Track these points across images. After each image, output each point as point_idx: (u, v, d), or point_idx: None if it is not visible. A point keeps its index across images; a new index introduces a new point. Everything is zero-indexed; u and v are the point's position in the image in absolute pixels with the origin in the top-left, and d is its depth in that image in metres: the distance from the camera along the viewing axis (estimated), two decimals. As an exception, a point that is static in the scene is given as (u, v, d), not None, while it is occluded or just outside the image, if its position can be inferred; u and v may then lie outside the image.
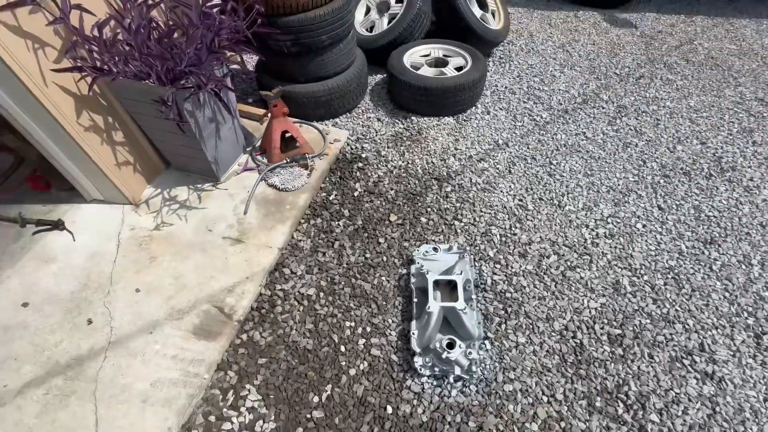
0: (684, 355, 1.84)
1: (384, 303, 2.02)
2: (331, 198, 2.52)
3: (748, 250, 2.24)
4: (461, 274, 1.91)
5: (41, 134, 1.95)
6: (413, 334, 1.79)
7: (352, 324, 1.95)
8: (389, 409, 1.68)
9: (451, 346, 1.69)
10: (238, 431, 1.62)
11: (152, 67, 1.72)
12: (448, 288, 1.95)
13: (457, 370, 1.71)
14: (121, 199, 2.34)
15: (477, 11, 3.41)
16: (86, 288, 1.98)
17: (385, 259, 2.21)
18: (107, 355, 1.76)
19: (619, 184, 2.60)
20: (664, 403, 1.70)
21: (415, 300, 1.93)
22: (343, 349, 1.87)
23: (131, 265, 2.08)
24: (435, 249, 2.12)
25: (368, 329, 1.93)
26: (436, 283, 1.91)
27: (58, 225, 2.21)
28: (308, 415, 1.67)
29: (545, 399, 1.71)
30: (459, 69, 3.09)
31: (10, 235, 2.20)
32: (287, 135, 2.67)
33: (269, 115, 2.51)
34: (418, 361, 1.74)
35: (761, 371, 1.79)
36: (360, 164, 2.73)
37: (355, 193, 2.55)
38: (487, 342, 1.87)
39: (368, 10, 3.62)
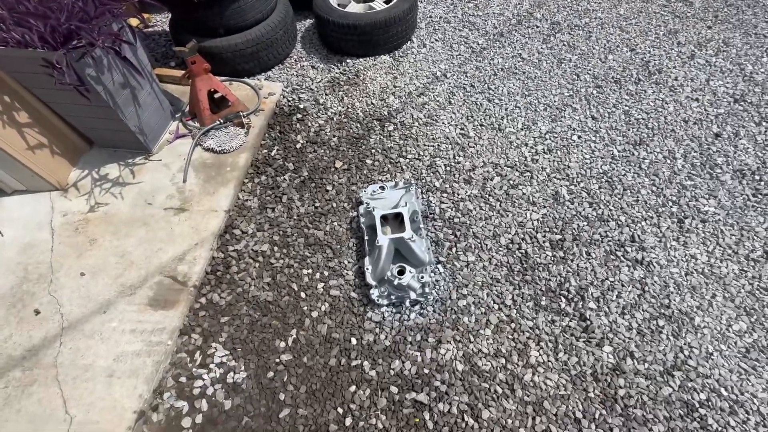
0: (617, 248, 2.01)
1: (338, 247, 2.06)
2: (273, 153, 2.45)
3: (672, 145, 2.39)
4: (406, 206, 1.95)
5: (-73, 124, 1.76)
6: (367, 269, 1.85)
7: (310, 271, 1.98)
8: (353, 341, 1.77)
9: (401, 272, 1.77)
10: (211, 385, 1.67)
11: (33, 29, 1.54)
12: (397, 221, 1.99)
13: (412, 295, 1.80)
14: (46, 186, 2.18)
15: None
16: (26, 281, 1.90)
17: (334, 205, 2.21)
18: (63, 341, 1.73)
19: (555, 101, 2.66)
20: (601, 291, 1.87)
21: (366, 238, 1.97)
22: (303, 295, 1.91)
23: (70, 251, 1.99)
24: (382, 188, 2.13)
25: (326, 273, 1.98)
26: (384, 218, 1.95)
27: (-21, 223, 2.06)
28: (277, 360, 1.73)
29: (496, 306, 1.85)
30: (388, 2, 2.95)
31: (-72, 241, 2.04)
32: (216, 95, 2.53)
33: (190, 74, 2.34)
34: (374, 292, 1.82)
35: (683, 251, 1.99)
36: (299, 115, 2.64)
37: (298, 146, 2.49)
38: (439, 266, 1.96)
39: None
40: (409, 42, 3.07)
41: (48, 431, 1.53)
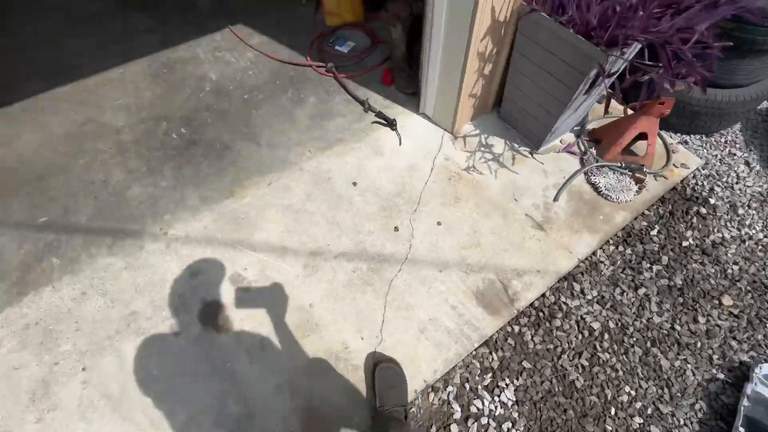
0: None
1: (679, 396, 1.65)
2: (652, 233, 2.08)
3: None
4: None
5: (440, 35, 1.94)
6: (726, 469, 1.41)
7: (633, 393, 1.66)
8: None
9: None
10: (487, 417, 1.60)
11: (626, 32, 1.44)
12: (797, 447, 1.44)
13: None
14: (446, 125, 2.36)
15: None
16: (399, 195, 2.12)
17: (698, 344, 1.76)
18: (402, 269, 1.89)
19: None
20: None
21: (741, 429, 1.49)
22: (612, 411, 1.62)
23: (438, 196, 2.12)
24: (784, 380, 1.57)
25: (649, 411, 1.62)
26: (788, 433, 1.42)
27: (392, 124, 2.37)
28: (556, 454, 1.54)
29: None
30: None
31: (356, 114, 2.47)
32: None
33: (642, 109, 2.08)
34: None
35: None
36: (702, 209, 2.15)
37: (684, 243, 2.05)
38: None
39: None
40: None
41: (363, 332, 1.71)
